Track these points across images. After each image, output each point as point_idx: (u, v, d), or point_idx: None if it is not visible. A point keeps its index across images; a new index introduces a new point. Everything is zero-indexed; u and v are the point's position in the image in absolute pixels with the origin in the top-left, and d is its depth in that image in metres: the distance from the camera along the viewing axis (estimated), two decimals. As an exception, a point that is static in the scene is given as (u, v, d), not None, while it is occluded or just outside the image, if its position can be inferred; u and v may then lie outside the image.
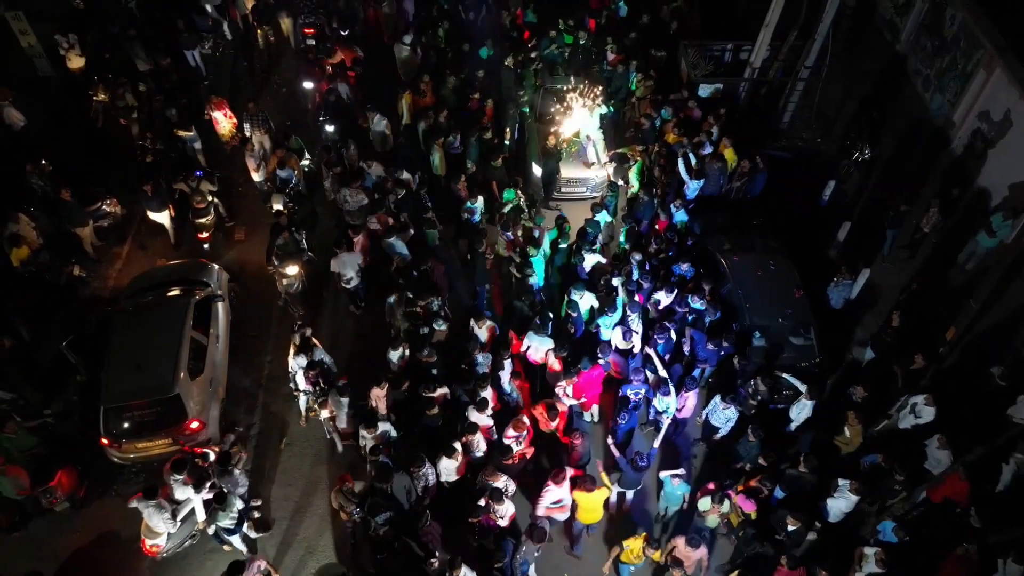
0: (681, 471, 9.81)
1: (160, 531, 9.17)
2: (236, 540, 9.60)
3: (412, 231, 11.95)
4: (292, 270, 12.06)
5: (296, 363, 10.55)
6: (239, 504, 9.21)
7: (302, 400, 10.97)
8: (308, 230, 12.79)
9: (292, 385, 10.88)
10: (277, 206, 12.75)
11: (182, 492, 9.20)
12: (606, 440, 10.15)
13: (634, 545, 9.01)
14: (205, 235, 13.30)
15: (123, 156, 14.57)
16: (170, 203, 13.33)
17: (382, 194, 12.44)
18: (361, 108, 14.54)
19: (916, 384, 10.61)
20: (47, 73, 16.08)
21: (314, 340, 10.77)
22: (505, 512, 9.26)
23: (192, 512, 9.43)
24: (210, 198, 13.07)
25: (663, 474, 9.81)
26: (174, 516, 9.15)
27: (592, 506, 9.35)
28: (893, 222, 13.01)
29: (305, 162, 13.96)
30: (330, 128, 14.28)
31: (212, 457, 9.68)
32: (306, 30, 16.41)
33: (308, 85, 15.32)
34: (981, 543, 8.99)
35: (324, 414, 10.42)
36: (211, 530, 9.44)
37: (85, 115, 15.17)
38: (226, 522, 9.11)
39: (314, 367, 10.39)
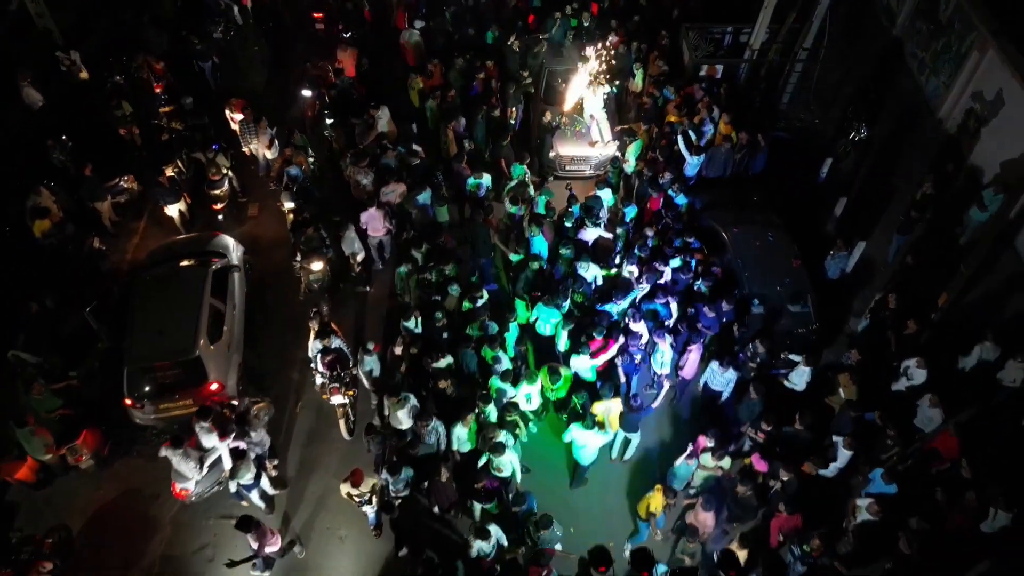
0: (690, 450, 10.12)
1: (189, 476, 9.58)
2: (255, 496, 10.01)
3: (429, 188, 12.37)
4: (317, 265, 12.27)
5: (314, 347, 10.86)
6: (255, 458, 9.64)
7: (318, 379, 11.15)
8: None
9: (312, 367, 11.10)
10: (288, 204, 12.96)
11: (208, 440, 9.64)
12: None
13: (655, 499, 9.42)
14: (219, 206, 13.69)
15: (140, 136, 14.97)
16: (184, 193, 13.68)
17: (399, 166, 12.79)
18: (365, 104, 14.54)
19: (910, 349, 11.00)
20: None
21: (333, 326, 11.05)
22: (504, 464, 9.66)
23: (219, 460, 9.85)
24: (225, 171, 13.44)
25: (678, 461, 10.12)
26: (201, 463, 9.56)
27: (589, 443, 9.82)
28: (902, 228, 12.94)
29: (310, 159, 14.12)
30: (330, 122, 14.32)
31: (236, 404, 10.09)
32: (315, 14, 16.74)
33: (307, 93, 15.04)
34: (980, 492, 9.37)
35: (336, 400, 10.72)
36: (232, 487, 9.82)
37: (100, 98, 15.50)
38: (246, 478, 9.52)
39: (329, 353, 10.67)
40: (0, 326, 11.39)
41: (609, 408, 10.23)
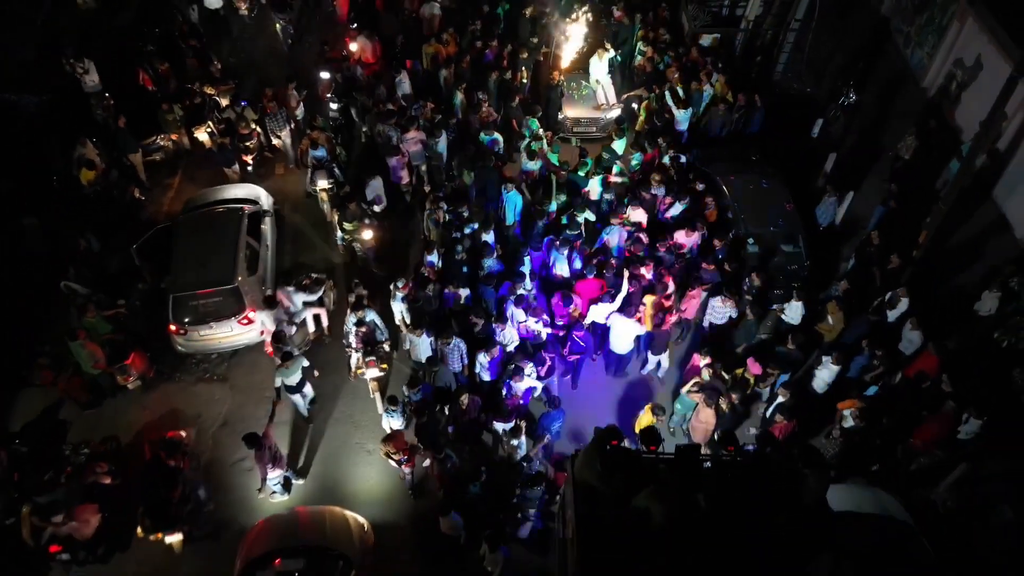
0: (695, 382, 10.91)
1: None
2: (297, 399, 10.96)
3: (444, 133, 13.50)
4: (367, 235, 12.75)
5: (350, 320, 11.31)
6: (304, 363, 10.64)
7: (353, 357, 11.52)
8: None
9: (344, 341, 11.54)
10: (322, 183, 13.50)
11: (299, 297, 11.36)
12: None
13: (645, 418, 10.31)
14: (249, 157, 14.69)
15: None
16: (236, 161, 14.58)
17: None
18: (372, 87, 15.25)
19: (893, 282, 11.92)
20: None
21: (367, 301, 11.45)
22: (520, 389, 10.54)
23: (303, 323, 11.41)
24: (253, 125, 14.41)
25: (683, 389, 10.95)
26: (291, 320, 10.93)
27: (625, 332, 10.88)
28: (886, 201, 13.43)
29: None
30: (334, 105, 15.00)
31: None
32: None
33: (324, 75, 15.60)
34: (957, 401, 10.26)
35: (371, 373, 11.23)
36: (277, 381, 10.72)
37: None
38: (292, 378, 10.43)
39: (363, 325, 11.16)
40: (53, 262, 12.29)
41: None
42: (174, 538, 9.74)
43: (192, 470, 10.40)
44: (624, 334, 11.11)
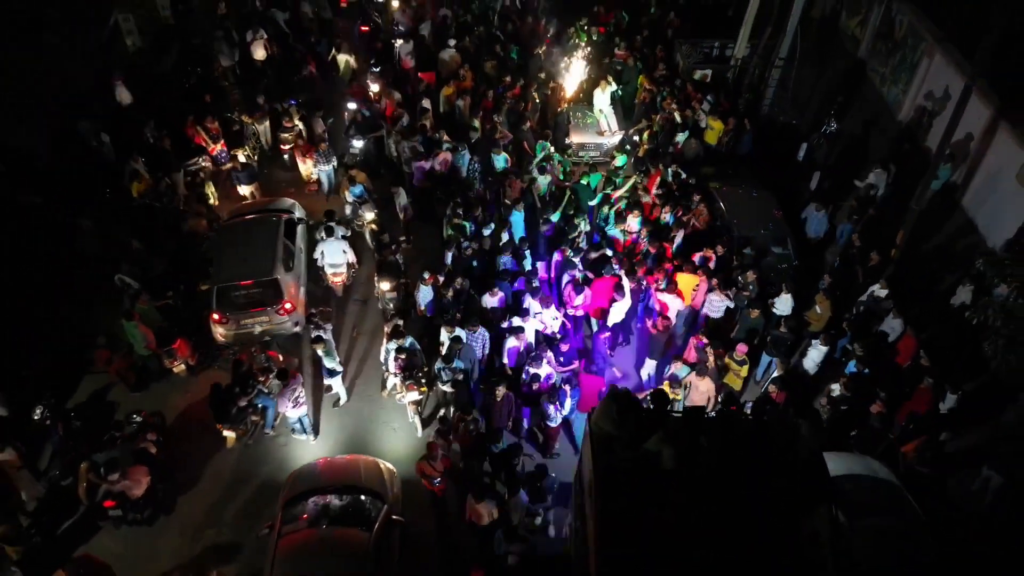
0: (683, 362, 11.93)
1: (339, 262, 12.95)
2: (336, 381, 12.02)
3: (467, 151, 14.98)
4: (386, 285, 13.02)
5: (389, 347, 11.86)
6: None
7: (390, 381, 12.17)
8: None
9: (383, 367, 12.26)
10: (369, 215, 14.38)
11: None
12: None
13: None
14: (286, 147, 16.23)
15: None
16: (257, 180, 15.98)
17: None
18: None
19: (874, 278, 13.06)
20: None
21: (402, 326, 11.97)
22: (542, 372, 11.52)
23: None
24: (296, 122, 15.99)
25: (676, 367, 11.84)
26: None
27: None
28: (850, 217, 14.59)
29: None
30: (357, 143, 16.27)
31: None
32: (362, 27, 19.53)
33: (352, 106, 16.93)
34: (935, 376, 11.24)
35: (411, 396, 11.75)
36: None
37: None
38: (333, 362, 11.50)
39: (403, 352, 11.64)
40: (104, 260, 13.48)
41: None
42: (228, 434, 11.39)
43: (268, 387, 11.49)
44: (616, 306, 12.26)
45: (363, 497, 9.69)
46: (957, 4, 15.97)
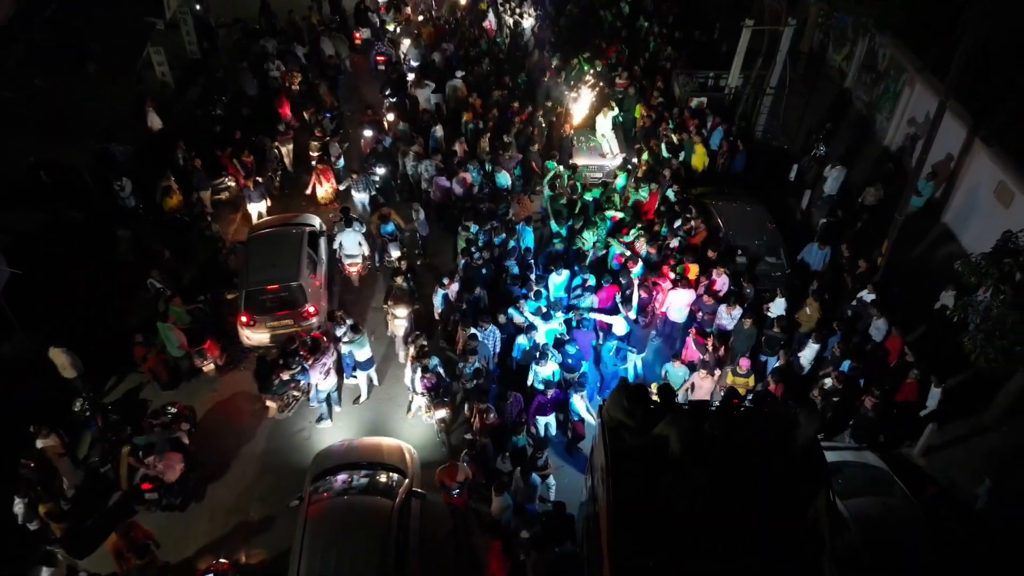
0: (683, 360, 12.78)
1: (355, 252, 13.75)
2: (364, 378, 12.85)
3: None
4: (402, 311, 13.58)
5: (411, 372, 12.37)
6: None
7: (416, 401, 12.68)
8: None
9: (409, 387, 12.69)
10: (395, 253, 15.03)
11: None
12: None
13: None
14: (315, 153, 17.48)
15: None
16: (267, 197, 16.97)
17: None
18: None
19: (862, 284, 13.91)
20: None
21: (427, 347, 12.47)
22: (544, 373, 12.28)
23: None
24: (327, 135, 17.33)
25: (675, 366, 12.64)
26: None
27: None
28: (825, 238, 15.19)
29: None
30: (380, 170, 17.18)
31: None
32: (379, 57, 20.80)
33: (368, 133, 18.15)
34: (920, 368, 12.00)
35: (439, 414, 12.18)
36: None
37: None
38: (362, 352, 12.31)
39: (429, 372, 12.09)
40: (139, 268, 14.40)
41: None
42: (271, 404, 12.38)
43: (311, 364, 12.29)
44: (677, 304, 13.26)
45: (385, 473, 10.39)
46: (935, 36, 17.12)
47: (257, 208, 16.79)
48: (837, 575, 8.09)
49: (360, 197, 16.86)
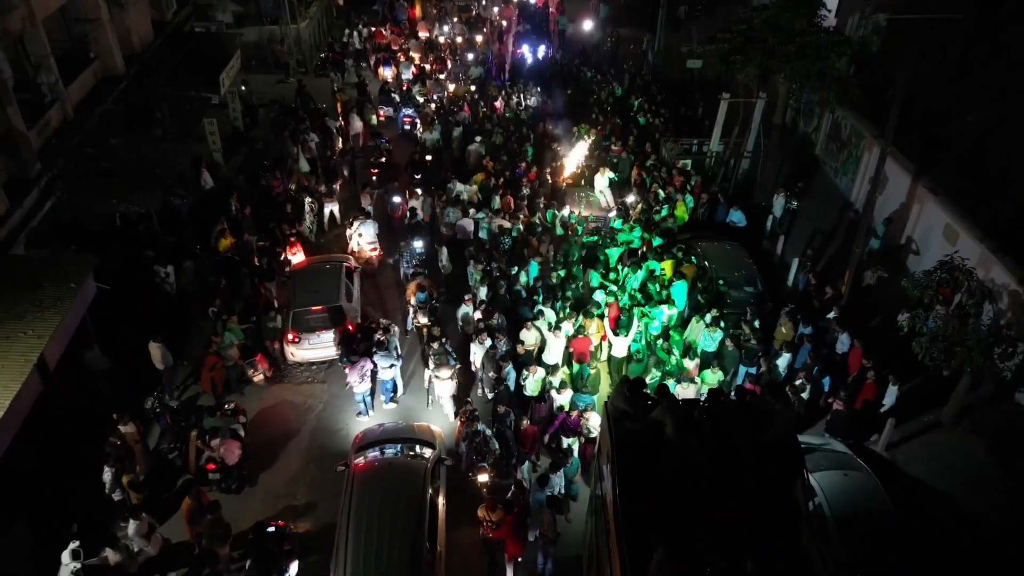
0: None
1: (373, 238, 16.37)
2: (388, 378, 14.66)
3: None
4: (445, 373, 14.43)
5: (463, 432, 13.08)
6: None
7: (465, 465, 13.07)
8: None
9: (459, 450, 13.18)
10: (423, 320, 16.18)
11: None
12: None
13: None
14: (375, 171, 21.01)
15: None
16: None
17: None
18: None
19: (828, 307, 16.02)
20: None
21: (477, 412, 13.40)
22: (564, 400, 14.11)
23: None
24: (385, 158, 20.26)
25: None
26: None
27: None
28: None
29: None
30: (417, 244, 18.12)
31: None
32: (405, 119, 23.69)
33: (396, 199, 20.03)
34: (876, 371, 13.93)
35: (482, 478, 12.68)
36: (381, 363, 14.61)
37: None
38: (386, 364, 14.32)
39: (477, 436, 12.77)
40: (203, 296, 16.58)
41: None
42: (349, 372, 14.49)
43: (379, 343, 14.64)
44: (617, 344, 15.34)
45: (418, 444, 12.29)
46: (887, 107, 19.94)
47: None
48: (812, 540, 9.35)
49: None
